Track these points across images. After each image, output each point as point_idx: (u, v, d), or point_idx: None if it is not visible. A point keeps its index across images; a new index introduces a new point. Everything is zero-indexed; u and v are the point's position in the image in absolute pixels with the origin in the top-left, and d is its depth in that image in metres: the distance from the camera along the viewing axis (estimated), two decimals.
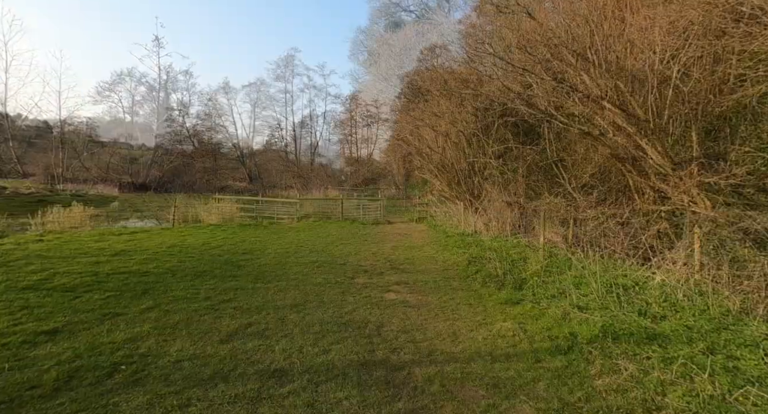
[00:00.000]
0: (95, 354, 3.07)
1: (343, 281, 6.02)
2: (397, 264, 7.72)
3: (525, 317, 4.59)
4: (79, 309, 4.01)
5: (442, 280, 6.42)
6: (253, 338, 3.54)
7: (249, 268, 6.53)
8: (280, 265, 6.94)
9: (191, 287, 5.02)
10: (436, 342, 3.73)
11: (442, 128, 15.70)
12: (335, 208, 17.89)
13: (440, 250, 9.46)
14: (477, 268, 7.15)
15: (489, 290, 5.85)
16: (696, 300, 4.63)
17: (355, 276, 6.45)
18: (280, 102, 40.55)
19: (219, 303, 4.47)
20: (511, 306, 5.12)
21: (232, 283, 5.43)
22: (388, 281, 6.18)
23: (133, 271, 5.58)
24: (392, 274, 6.73)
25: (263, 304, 4.56)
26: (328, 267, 7.05)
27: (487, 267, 7.25)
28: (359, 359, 3.25)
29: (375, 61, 18.33)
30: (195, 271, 5.90)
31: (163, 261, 6.39)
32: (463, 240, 10.43)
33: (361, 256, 8.41)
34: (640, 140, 6.62)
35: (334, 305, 4.73)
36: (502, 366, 3.22)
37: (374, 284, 5.93)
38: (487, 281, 6.23)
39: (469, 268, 7.32)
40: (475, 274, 6.66)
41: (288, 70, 40.17)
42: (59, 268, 5.63)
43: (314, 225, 14.84)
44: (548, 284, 5.91)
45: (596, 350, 3.50)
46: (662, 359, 3.25)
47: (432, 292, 5.65)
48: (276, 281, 5.74)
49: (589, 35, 5.66)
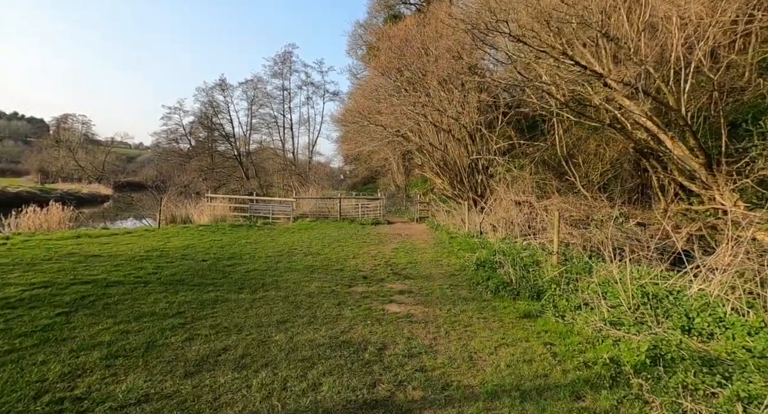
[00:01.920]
0: (11, 401, 2.36)
1: (340, 290, 5.36)
2: (399, 269, 7.08)
3: (550, 335, 3.95)
4: (13, 332, 3.32)
5: (449, 288, 5.78)
6: (226, 369, 2.88)
7: (235, 274, 5.86)
8: (271, 271, 6.28)
9: (163, 300, 4.35)
10: (451, 370, 3.08)
11: (444, 124, 15.05)
12: (333, 207, 17.23)
13: (444, 253, 8.82)
14: (487, 273, 6.51)
15: (503, 300, 5.21)
16: (748, 315, 3.99)
17: (353, 283, 5.80)
18: (278, 99, 39.80)
19: (192, 320, 3.80)
20: (532, 320, 4.48)
21: (213, 293, 4.76)
22: (390, 290, 5.53)
23: (98, 281, 4.90)
24: (394, 281, 6.08)
25: (245, 321, 3.90)
26: (323, 273, 6.40)
27: (499, 273, 6.61)
28: (357, 398, 2.60)
29: (375, 55, 17.63)
30: (172, 279, 5.23)
31: (137, 267, 5.70)
32: (468, 242, 9.78)
33: (359, 260, 7.76)
34: (665, 135, 5.99)
35: (329, 321, 4.08)
36: (535, 407, 2.57)
37: (375, 293, 5.28)
38: (500, 289, 5.58)
39: (478, 273, 6.68)
40: (485, 281, 6.02)
41: (285, 67, 39.40)
42: (10, 277, 4.94)
43: (311, 225, 14.18)
44: (569, 293, 5.27)
45: (648, 383, 2.86)
46: (734, 397, 2.61)
47: (439, 303, 5.01)
48: (263, 291, 5.08)
49: (614, 13, 5.02)
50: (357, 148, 17.63)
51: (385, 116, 15.29)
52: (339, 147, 40.36)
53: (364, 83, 19.87)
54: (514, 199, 9.73)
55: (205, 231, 10.35)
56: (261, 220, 14.66)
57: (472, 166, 15.10)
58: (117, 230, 9.35)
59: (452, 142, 15.39)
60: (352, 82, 30.38)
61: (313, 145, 39.98)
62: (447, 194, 16.90)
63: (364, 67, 26.50)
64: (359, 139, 17.34)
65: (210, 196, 15.38)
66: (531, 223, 9.20)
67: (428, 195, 22.89)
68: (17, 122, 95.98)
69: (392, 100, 15.17)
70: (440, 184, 16.97)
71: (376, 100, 14.48)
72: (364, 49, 27.23)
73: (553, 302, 5.04)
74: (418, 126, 16.48)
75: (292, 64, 39.09)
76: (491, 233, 10.14)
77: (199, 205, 14.03)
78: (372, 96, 14.82)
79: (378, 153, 25.49)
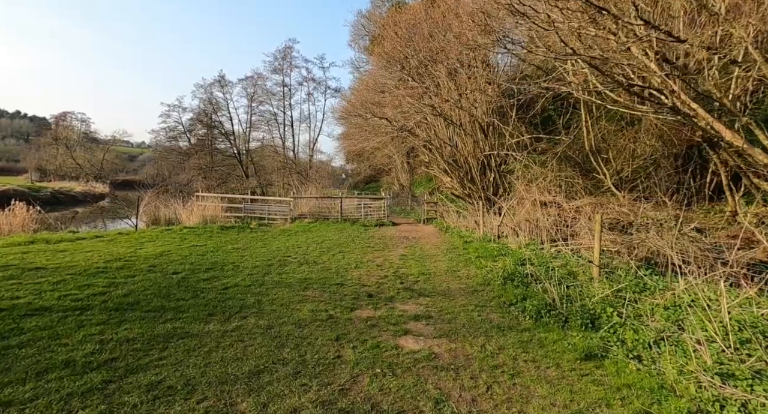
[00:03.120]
0: None
1: (340, 315, 4.21)
2: (411, 282, 5.92)
3: (638, 393, 2.78)
4: None
5: (476, 311, 4.61)
6: None
7: (209, 293, 4.71)
8: (255, 288, 5.12)
9: (96, 337, 3.18)
10: None
11: (454, 116, 13.86)
12: (334, 207, 16.08)
13: (461, 262, 7.65)
14: (519, 290, 5.34)
15: (549, 330, 4.04)
16: None
17: (357, 305, 4.64)
18: (278, 95, 38.60)
19: (125, 375, 2.64)
20: (598, 363, 3.32)
21: (171, 324, 3.61)
22: (402, 314, 4.36)
23: (17, 307, 3.69)
24: (406, 300, 4.92)
25: (202, 374, 2.74)
26: (319, 289, 5.24)
27: (533, 289, 5.44)
28: None
29: (379, 43, 16.44)
30: (122, 302, 4.08)
31: (83, 285, 4.54)
32: (485, 247, 8.61)
33: (363, 270, 6.61)
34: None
35: (322, 370, 2.92)
36: None
37: (384, 320, 4.12)
38: (542, 313, 4.41)
39: (507, 289, 5.51)
40: (520, 302, 4.85)
41: (286, 63, 38.15)
42: None
43: (309, 227, 13.03)
44: (634, 321, 4.10)
45: None
46: None
47: (469, 335, 3.84)
48: (240, 318, 3.93)
49: None
50: (360, 143, 16.48)
51: (389, 109, 14.13)
52: (341, 144, 39.27)
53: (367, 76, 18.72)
54: (539, 199, 8.53)
55: (190, 234, 9.20)
56: (256, 222, 13.53)
57: (485, 163, 13.91)
58: (85, 234, 8.24)
59: (463, 137, 14.21)
60: (354, 76, 29.19)
61: (314, 142, 38.84)
62: (456, 193, 15.71)
63: (366, 59, 25.31)
64: (362, 135, 16.17)
65: (201, 195, 14.26)
66: (559, 227, 8.01)
67: (435, 194, 21.72)
68: (19, 121, 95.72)
69: (397, 91, 13.99)
70: (449, 182, 15.77)
71: (380, 92, 13.30)
72: (367, 40, 26.00)
73: (617, 334, 3.87)
74: (425, 120, 15.31)
75: (293, 59, 37.90)
76: (511, 238, 8.95)
77: (188, 205, 12.91)
78: (375, 87, 13.64)
79: (381, 150, 24.34)
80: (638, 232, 7.02)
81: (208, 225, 11.11)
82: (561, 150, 10.81)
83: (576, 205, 7.95)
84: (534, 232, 8.58)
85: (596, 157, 9.65)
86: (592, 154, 9.72)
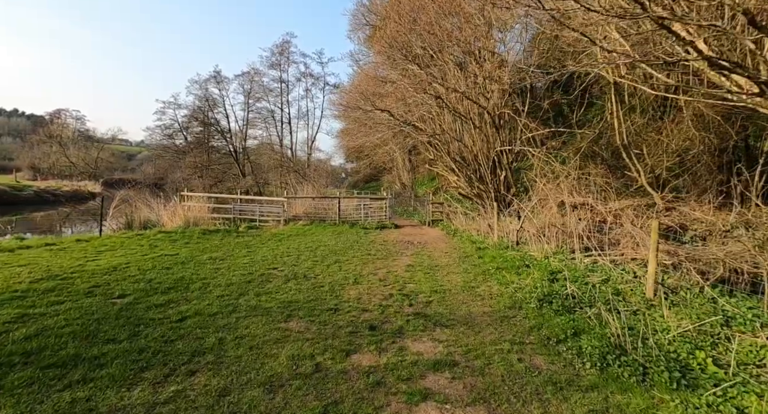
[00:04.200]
0: None
1: (330, 365, 3.02)
2: (422, 304, 4.74)
3: None
4: None
5: (514, 352, 3.43)
6: None
7: (154, 330, 3.51)
8: (222, 317, 3.94)
9: None
10: None
11: (462, 108, 12.66)
12: (331, 208, 14.88)
13: (479, 274, 6.46)
14: (563, 318, 4.16)
15: (627, 389, 2.86)
16: None
17: (354, 344, 3.45)
18: (275, 92, 37.33)
19: None
20: None
21: (70, 394, 2.38)
22: (416, 360, 3.18)
23: None
24: (420, 334, 3.74)
25: None
26: (306, 318, 4.05)
27: (581, 317, 4.25)
28: None
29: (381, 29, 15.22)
30: (19, 350, 2.85)
31: None
32: (504, 256, 7.44)
33: (363, 287, 5.42)
34: None
35: None
36: None
37: (391, 373, 2.94)
38: (607, 358, 3.22)
39: (545, 315, 4.33)
40: (571, 338, 3.66)
41: (283, 58, 36.86)
42: None
43: (304, 230, 11.85)
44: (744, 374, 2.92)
45: None
46: None
47: (514, 398, 2.67)
48: (184, 376, 2.73)
49: None
50: (360, 139, 15.27)
51: (392, 100, 12.93)
52: (340, 142, 38.08)
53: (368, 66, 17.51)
54: (567, 200, 7.34)
55: (164, 240, 8.00)
56: (245, 224, 12.33)
57: (495, 160, 12.71)
58: (34, 241, 7.02)
59: (472, 132, 13.01)
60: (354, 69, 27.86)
61: (312, 140, 37.61)
62: (463, 193, 14.51)
63: (367, 52, 24.09)
64: (362, 130, 14.97)
65: (185, 195, 13.05)
66: (592, 233, 6.81)
67: (439, 194, 20.52)
68: (17, 119, 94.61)
69: (400, 82, 12.77)
70: (455, 181, 14.56)
71: (382, 82, 12.08)
72: (367, 31, 24.77)
73: (732, 402, 2.68)
74: (430, 114, 14.11)
75: (290, 54, 36.66)
76: (534, 245, 7.76)
77: (170, 206, 11.70)
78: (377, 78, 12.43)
79: (382, 147, 23.15)
80: (695, 241, 5.84)
81: (190, 228, 9.91)
82: (585, 145, 9.62)
83: (614, 207, 6.75)
84: (561, 239, 7.39)
85: (628, 152, 8.45)
86: (624, 149, 8.53)
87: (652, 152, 8.63)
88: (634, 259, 5.71)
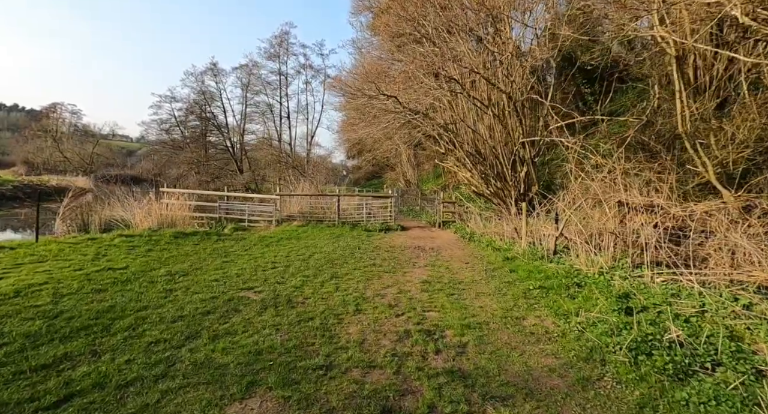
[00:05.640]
0: None
1: None
2: (454, 351, 3.22)
3: None
4: None
5: None
6: None
7: None
8: (135, 395, 2.42)
9: None
10: None
11: (478, 94, 11.09)
12: (330, 207, 13.35)
13: (519, 297, 4.92)
14: (685, 391, 2.62)
15: None
16: None
17: None
18: (273, 85, 35.64)
19: None
20: None
21: None
22: None
23: None
24: None
25: None
26: (279, 389, 2.53)
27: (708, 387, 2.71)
28: None
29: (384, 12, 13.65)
30: None
31: None
32: (541, 270, 5.91)
33: (368, 320, 3.89)
34: None
35: None
36: None
37: None
38: None
39: (650, 381, 2.80)
40: None
41: (282, 49, 35.12)
42: None
43: (297, 232, 10.32)
44: None
45: None
46: None
47: None
48: None
49: None
50: (364, 129, 13.70)
51: (397, 86, 11.36)
52: (340, 137, 36.49)
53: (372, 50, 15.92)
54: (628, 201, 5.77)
55: (119, 247, 6.48)
56: (232, 225, 10.81)
57: (517, 153, 11.14)
58: None
59: (492, 121, 11.44)
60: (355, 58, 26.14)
61: (312, 135, 35.98)
62: (477, 191, 12.95)
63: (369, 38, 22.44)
64: (365, 120, 13.40)
65: (164, 191, 11.54)
66: (663, 243, 5.24)
67: (448, 191, 18.94)
68: (16, 114, 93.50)
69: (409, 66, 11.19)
70: (468, 178, 12.99)
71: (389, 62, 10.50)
72: (369, 17, 23.14)
73: None
74: (441, 102, 12.53)
75: (290, 46, 34.92)
76: (579, 255, 6.19)
77: (146, 204, 10.18)
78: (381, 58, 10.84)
79: (385, 141, 21.56)
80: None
81: (161, 230, 8.38)
82: (631, 134, 8.05)
83: (696, 210, 5.16)
84: (617, 249, 5.83)
85: (692, 142, 6.88)
86: (687, 138, 6.95)
87: (720, 142, 7.05)
88: (740, 281, 4.16)
